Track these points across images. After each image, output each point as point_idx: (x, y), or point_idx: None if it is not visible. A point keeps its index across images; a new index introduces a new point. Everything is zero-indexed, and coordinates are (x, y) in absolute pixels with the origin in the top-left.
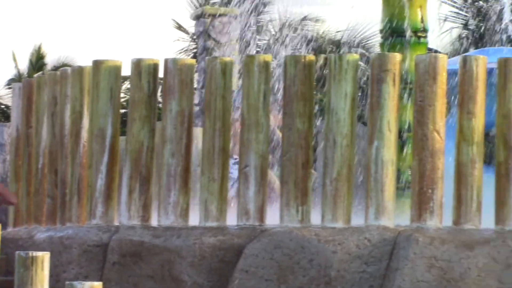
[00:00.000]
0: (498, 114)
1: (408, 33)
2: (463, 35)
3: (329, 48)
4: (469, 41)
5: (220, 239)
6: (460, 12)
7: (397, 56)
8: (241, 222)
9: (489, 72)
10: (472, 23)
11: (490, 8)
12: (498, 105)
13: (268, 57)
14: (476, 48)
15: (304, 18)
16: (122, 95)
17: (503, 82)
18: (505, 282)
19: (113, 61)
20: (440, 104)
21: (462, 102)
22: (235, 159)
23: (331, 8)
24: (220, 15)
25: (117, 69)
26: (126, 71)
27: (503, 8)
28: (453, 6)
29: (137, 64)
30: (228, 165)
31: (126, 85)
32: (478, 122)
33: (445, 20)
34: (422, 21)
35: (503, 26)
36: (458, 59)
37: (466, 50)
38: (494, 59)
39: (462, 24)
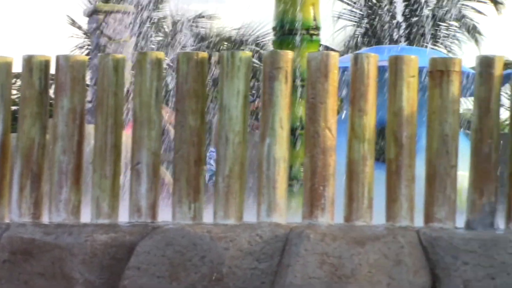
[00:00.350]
0: (389, 112)
1: (301, 31)
2: (357, 33)
3: (224, 45)
4: (363, 39)
5: (111, 236)
6: (354, 10)
7: (289, 53)
8: (133, 219)
9: (382, 69)
10: (365, 21)
11: (382, 7)
12: (389, 102)
13: (160, 54)
14: (369, 46)
15: (199, 16)
16: (14, 92)
17: (394, 79)
18: (395, 278)
19: (3, 57)
20: (332, 102)
21: (354, 99)
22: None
23: (226, 6)
24: (113, 12)
25: (8, 65)
26: (19, 68)
27: (395, 6)
28: (347, 4)
29: (28, 61)
30: (120, 162)
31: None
32: (369, 120)
33: (339, 18)
34: (314, 19)
35: (394, 24)
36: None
37: (359, 48)
38: (386, 57)
39: (355, 22)
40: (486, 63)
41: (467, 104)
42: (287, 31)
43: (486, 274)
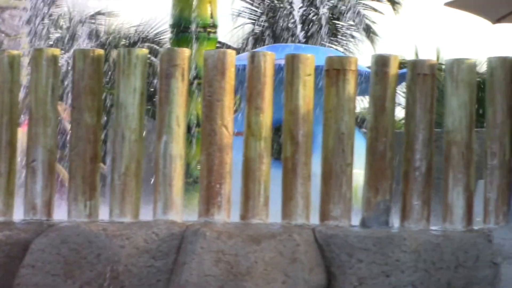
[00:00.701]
0: (285, 110)
1: (198, 29)
2: (256, 31)
3: (123, 42)
4: (262, 37)
5: (6, 234)
6: (253, 8)
7: (186, 51)
8: (28, 217)
9: (279, 68)
10: (264, 19)
11: (281, 5)
12: (285, 100)
13: (56, 50)
14: (268, 44)
15: (98, 13)
16: None
17: (291, 78)
18: (291, 276)
19: None
20: (229, 100)
21: (250, 97)
22: None
23: (126, 3)
24: (9, 8)
25: None
26: None
27: (292, 3)
28: (246, 1)
29: None
30: (16, 159)
31: None
32: (266, 118)
33: (238, 15)
34: (211, 16)
35: (293, 22)
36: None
37: (257, 46)
38: (283, 55)
39: (254, 20)
40: (381, 62)
41: (364, 103)
42: (185, 29)
43: (380, 272)
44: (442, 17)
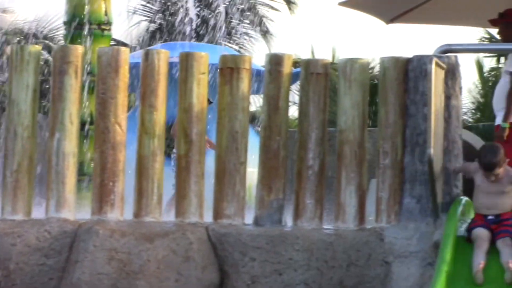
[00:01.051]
0: (179, 108)
1: (92, 26)
2: (151, 29)
3: (16, 39)
4: (158, 35)
5: None
6: (149, 5)
7: (79, 48)
8: None
9: (174, 66)
10: (160, 17)
11: (176, 3)
12: (180, 98)
13: None
14: (164, 41)
15: None
16: None
17: (185, 76)
18: (184, 274)
19: None
20: (122, 97)
21: (144, 95)
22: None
23: None
24: None
25: None
26: None
27: (187, 3)
28: None
29: None
30: None
31: None
32: (160, 116)
33: (134, 13)
34: (106, 13)
35: (187, 20)
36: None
37: (151, 44)
38: (177, 54)
39: (150, 17)
40: (275, 61)
41: (260, 102)
42: (78, 26)
43: (273, 270)
44: (338, 17)
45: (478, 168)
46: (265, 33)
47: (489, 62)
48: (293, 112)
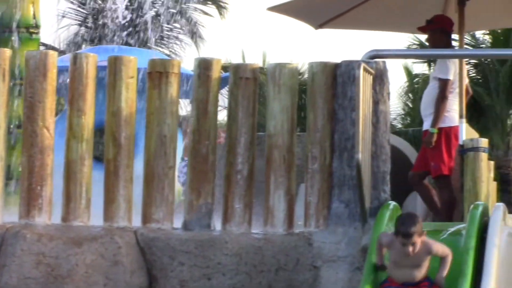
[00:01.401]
0: (108, 112)
1: (20, 29)
2: (81, 32)
3: None
4: (87, 39)
5: None
6: (79, 9)
7: (7, 51)
8: None
9: (102, 70)
10: (90, 21)
11: (106, 7)
12: (108, 102)
13: None
14: (93, 45)
15: None
16: None
17: (113, 80)
18: (112, 279)
19: None
20: (50, 101)
21: (72, 99)
22: (186, 160)
23: None
24: None
25: None
26: None
27: (117, 7)
28: (72, 3)
29: None
30: None
31: None
32: (88, 120)
33: (63, 16)
34: (34, 17)
35: (117, 24)
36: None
37: (80, 47)
38: (106, 57)
39: (80, 21)
40: (204, 65)
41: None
42: (6, 29)
43: (202, 275)
44: (268, 22)
45: (394, 240)
46: (195, 37)
47: (420, 68)
48: (224, 116)
